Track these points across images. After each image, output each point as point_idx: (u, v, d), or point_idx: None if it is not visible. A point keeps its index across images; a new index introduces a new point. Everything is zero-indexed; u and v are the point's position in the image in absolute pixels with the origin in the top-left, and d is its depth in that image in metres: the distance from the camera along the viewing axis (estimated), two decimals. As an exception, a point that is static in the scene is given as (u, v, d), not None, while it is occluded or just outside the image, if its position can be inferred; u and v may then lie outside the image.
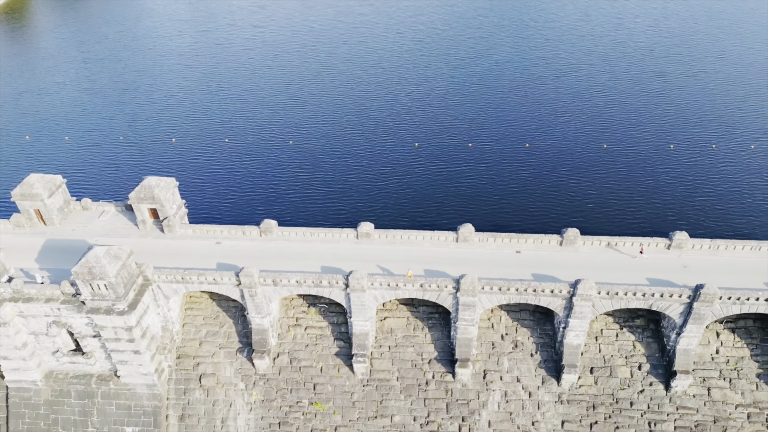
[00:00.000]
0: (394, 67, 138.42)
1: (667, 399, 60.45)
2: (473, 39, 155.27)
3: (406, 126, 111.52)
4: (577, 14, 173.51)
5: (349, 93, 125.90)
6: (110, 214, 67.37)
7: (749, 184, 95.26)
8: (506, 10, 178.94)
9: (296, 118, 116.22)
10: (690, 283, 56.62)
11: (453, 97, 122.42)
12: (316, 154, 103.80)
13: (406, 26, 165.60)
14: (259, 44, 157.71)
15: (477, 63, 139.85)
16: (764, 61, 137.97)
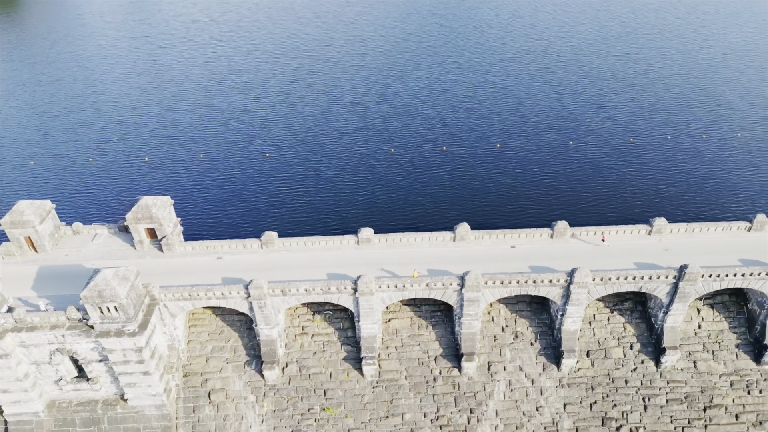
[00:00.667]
0: (367, 75, 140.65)
1: (658, 374, 64.69)
2: (441, 45, 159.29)
3: (381, 132, 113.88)
4: (535, 16, 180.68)
5: (326, 103, 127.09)
6: (103, 236, 66.52)
7: (704, 170, 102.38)
8: (468, 14, 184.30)
9: (281, 128, 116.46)
10: (673, 264, 60.95)
11: (424, 103, 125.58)
12: (306, 164, 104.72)
13: (379, 32, 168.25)
14: (221, 58, 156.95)
15: (443, 68, 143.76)
16: (709, 58, 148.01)
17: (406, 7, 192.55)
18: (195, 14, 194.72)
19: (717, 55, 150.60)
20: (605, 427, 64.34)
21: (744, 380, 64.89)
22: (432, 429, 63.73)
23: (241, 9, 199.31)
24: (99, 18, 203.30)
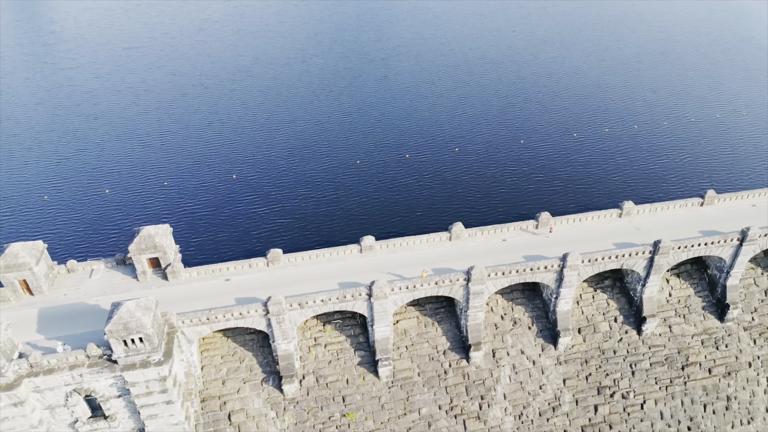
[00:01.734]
0: (321, 91, 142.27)
1: (640, 342, 71.79)
2: (396, 55, 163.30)
3: (345, 144, 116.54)
4: (481, 21, 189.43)
5: (292, 120, 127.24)
6: (101, 272, 65.23)
7: (642, 156, 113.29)
8: (416, 22, 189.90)
9: (247, 148, 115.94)
10: (644, 241, 68.36)
11: (383, 113, 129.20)
12: (299, 178, 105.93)
13: (335, 45, 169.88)
14: (190, 69, 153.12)
15: (396, 77, 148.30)
16: (635, 56, 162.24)
17: (362, 17, 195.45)
18: (163, 28, 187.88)
19: (640, 54, 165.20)
20: (601, 395, 70.57)
21: (712, 338, 73.31)
22: (447, 420, 67.32)
23: (211, 22, 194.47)
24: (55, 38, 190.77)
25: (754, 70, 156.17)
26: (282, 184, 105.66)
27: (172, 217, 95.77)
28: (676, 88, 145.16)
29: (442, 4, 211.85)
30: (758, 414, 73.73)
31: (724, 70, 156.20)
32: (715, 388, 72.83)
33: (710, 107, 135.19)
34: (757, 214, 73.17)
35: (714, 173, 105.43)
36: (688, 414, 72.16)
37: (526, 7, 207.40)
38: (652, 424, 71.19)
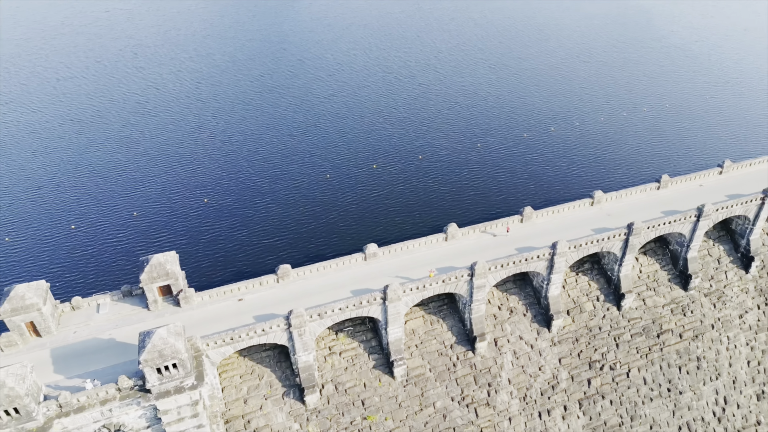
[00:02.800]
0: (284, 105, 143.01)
1: (620, 316, 79.07)
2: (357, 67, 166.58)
3: (314, 159, 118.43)
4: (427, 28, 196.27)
5: (268, 139, 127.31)
6: (108, 305, 64.25)
7: (599, 148, 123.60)
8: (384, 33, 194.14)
9: (220, 174, 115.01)
10: (616, 225, 75.74)
11: (351, 125, 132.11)
12: (275, 196, 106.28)
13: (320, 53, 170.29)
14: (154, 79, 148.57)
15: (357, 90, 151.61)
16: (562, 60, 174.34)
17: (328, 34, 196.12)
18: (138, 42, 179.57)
19: (587, 51, 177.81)
20: (592, 369, 77.07)
21: (679, 306, 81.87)
22: (460, 410, 71.29)
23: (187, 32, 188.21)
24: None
25: (698, 60, 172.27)
26: (258, 203, 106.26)
27: (169, 244, 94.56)
28: (627, 82, 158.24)
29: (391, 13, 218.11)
30: (723, 369, 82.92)
31: (672, 62, 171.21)
32: (686, 350, 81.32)
33: (653, 99, 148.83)
34: (706, 192, 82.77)
35: (665, 159, 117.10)
36: (666, 377, 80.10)
37: (458, 16, 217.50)
38: (637, 390, 78.47)
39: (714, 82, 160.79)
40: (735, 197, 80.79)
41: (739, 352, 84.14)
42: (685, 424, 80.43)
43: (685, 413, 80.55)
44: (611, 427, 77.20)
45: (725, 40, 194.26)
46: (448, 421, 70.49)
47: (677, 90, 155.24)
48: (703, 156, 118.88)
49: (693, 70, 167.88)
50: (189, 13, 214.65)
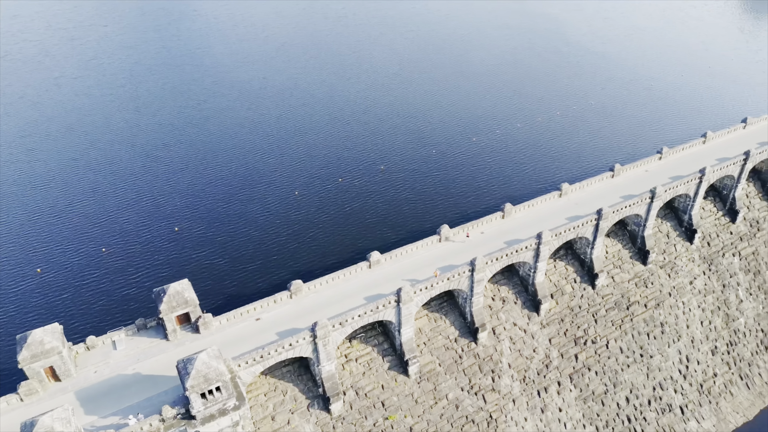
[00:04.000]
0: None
1: (595, 294, 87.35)
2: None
3: (282, 176, 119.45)
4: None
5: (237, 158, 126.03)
6: (124, 341, 63.29)
7: (558, 142, 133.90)
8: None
9: (191, 202, 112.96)
10: (584, 213, 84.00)
11: (315, 140, 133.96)
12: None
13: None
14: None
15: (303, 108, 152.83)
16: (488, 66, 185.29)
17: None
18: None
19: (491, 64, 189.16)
20: (578, 345, 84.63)
21: (641, 279, 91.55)
22: (470, 398, 76.14)
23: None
24: None
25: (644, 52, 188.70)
26: (247, 224, 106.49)
27: (164, 273, 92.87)
28: (578, 77, 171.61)
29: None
30: (683, 331, 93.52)
31: (618, 55, 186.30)
32: (651, 318, 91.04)
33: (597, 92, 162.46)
34: (652, 177, 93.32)
35: (614, 149, 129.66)
36: (638, 344, 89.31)
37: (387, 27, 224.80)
38: (616, 359, 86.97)
39: (641, 77, 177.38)
40: (677, 178, 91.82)
41: (693, 315, 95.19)
42: (657, 384, 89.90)
43: (656, 374, 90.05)
44: (598, 396, 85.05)
45: (632, 39, 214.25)
46: (461, 410, 75.10)
47: (612, 86, 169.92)
48: (643, 144, 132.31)
49: (614, 68, 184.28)
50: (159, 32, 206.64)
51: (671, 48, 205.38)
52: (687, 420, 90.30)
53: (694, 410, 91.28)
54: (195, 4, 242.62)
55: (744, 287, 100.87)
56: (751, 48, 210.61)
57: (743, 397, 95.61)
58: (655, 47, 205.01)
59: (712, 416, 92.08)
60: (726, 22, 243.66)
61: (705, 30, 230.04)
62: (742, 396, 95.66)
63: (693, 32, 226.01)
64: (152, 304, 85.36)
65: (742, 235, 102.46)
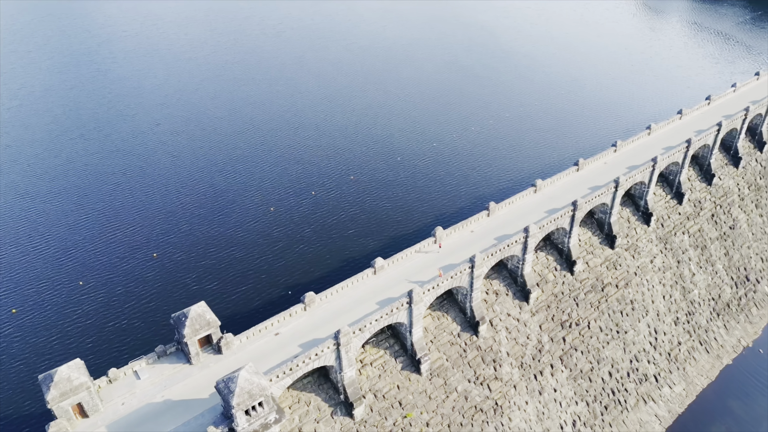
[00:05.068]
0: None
1: (574, 279, 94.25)
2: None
3: (256, 196, 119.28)
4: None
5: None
6: (146, 369, 62.54)
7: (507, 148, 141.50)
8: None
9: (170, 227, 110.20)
10: (558, 206, 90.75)
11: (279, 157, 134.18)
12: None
13: None
14: None
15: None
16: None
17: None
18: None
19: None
20: (564, 329, 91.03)
21: (611, 262, 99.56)
22: (477, 388, 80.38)
23: None
24: None
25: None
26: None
27: (170, 299, 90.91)
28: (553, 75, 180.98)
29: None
30: (649, 306, 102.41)
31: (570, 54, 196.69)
32: (623, 297, 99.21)
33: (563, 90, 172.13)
34: (610, 168, 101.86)
35: (576, 144, 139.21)
36: (614, 321, 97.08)
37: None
38: (597, 338, 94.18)
39: (589, 78, 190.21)
40: (633, 168, 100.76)
41: (656, 290, 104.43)
42: (633, 357, 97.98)
43: (631, 348, 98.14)
44: (585, 373, 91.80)
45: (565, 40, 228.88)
46: (470, 401, 79.15)
47: (561, 88, 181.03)
48: (598, 139, 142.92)
49: (564, 69, 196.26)
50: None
51: (600, 50, 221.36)
52: (661, 387, 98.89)
53: (666, 377, 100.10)
54: (119, 28, 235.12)
55: (695, 261, 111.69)
56: (665, 45, 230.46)
57: (705, 361, 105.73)
58: (586, 50, 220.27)
59: (682, 381, 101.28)
60: (638, 23, 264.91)
61: (621, 31, 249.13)
62: (704, 360, 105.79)
63: (612, 34, 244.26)
64: (163, 329, 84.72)
65: (689, 215, 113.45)
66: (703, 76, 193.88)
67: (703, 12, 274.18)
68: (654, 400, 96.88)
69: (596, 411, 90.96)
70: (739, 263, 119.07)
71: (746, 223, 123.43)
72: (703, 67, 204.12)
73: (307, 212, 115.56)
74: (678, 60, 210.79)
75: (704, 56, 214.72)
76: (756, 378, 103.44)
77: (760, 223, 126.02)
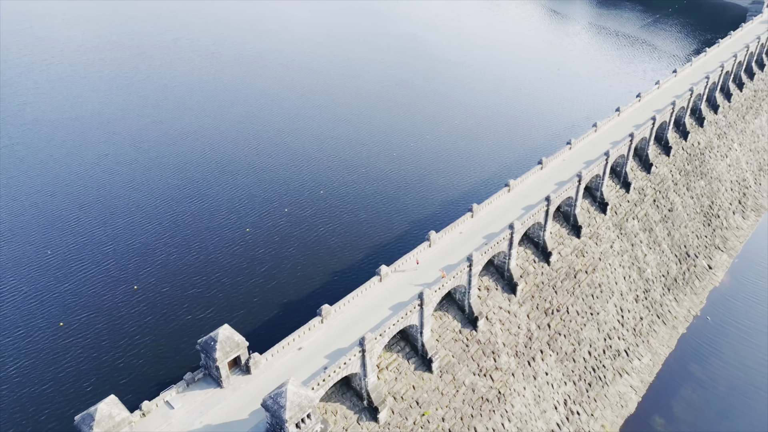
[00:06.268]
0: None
1: (551, 269, 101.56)
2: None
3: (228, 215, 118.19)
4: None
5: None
6: (177, 398, 61.99)
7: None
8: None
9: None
10: (535, 201, 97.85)
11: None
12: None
13: None
14: None
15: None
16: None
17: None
18: None
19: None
20: (548, 316, 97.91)
21: (579, 251, 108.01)
22: (482, 380, 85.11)
23: None
24: None
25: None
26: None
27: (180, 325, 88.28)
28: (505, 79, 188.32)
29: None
30: (614, 288, 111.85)
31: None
32: (592, 282, 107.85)
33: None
34: (569, 164, 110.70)
35: (536, 143, 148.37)
36: (587, 304, 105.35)
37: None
38: (575, 321, 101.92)
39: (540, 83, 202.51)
40: (590, 163, 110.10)
41: (618, 273, 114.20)
42: (606, 335, 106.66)
43: (604, 327, 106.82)
44: (569, 355, 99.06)
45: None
46: (476, 393, 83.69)
47: (509, 96, 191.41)
48: (552, 138, 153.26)
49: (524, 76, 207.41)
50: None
51: (530, 56, 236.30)
52: (631, 360, 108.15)
53: (634, 351, 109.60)
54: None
55: (645, 243, 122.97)
56: (581, 48, 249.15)
57: (664, 332, 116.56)
58: (519, 56, 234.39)
59: (647, 353, 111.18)
60: (550, 28, 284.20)
61: (539, 37, 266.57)
62: (663, 331, 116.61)
63: (533, 41, 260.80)
64: (179, 356, 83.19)
65: (635, 201, 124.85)
66: (632, 76, 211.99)
67: (609, 16, 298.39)
68: (627, 373, 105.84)
69: (582, 389, 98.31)
70: (679, 242, 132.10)
71: (681, 205, 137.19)
72: (629, 67, 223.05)
73: (277, 230, 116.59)
74: (602, 62, 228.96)
75: (627, 58, 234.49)
76: (708, 344, 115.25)
77: (691, 204, 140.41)
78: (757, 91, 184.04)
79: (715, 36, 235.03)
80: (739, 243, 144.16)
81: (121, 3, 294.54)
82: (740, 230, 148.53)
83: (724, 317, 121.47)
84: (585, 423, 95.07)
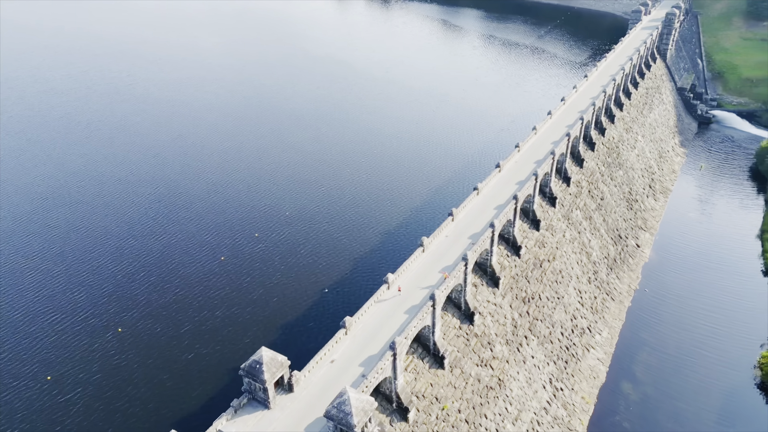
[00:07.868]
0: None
1: (521, 261, 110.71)
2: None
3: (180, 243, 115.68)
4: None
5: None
6: (230, 425, 62.11)
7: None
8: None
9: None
10: (502, 201, 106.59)
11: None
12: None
13: None
14: None
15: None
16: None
17: None
18: None
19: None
20: (526, 304, 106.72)
21: (540, 242, 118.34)
22: (483, 369, 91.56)
23: None
24: None
25: None
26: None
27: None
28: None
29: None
30: (572, 272, 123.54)
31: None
32: (554, 269, 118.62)
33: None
34: (522, 165, 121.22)
35: (493, 149, 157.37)
36: (553, 290, 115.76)
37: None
38: (547, 306, 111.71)
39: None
40: (539, 162, 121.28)
41: (572, 259, 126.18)
42: (572, 316, 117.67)
43: (569, 309, 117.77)
44: (547, 338, 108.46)
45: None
46: (482, 382, 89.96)
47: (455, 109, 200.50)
48: (498, 143, 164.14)
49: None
50: None
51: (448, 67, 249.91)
52: (593, 336, 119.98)
53: (595, 327, 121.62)
54: None
55: (588, 230, 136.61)
56: (492, 59, 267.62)
57: (614, 308, 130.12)
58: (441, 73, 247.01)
59: (605, 327, 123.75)
60: (456, 42, 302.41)
61: (448, 50, 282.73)
62: (613, 307, 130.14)
63: (444, 54, 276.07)
64: (210, 382, 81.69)
65: (576, 194, 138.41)
66: (547, 82, 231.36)
67: (507, 30, 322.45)
68: (593, 347, 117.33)
69: (561, 367, 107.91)
70: (612, 225, 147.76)
71: (609, 193, 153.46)
72: (547, 72, 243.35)
73: (251, 256, 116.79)
74: (518, 71, 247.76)
75: (537, 65, 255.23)
76: (650, 314, 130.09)
77: (616, 192, 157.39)
78: (648, 88, 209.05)
79: (602, 42, 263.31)
80: (656, 222, 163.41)
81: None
82: (654, 211, 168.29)
83: (658, 288, 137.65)
84: (568, 397, 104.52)
